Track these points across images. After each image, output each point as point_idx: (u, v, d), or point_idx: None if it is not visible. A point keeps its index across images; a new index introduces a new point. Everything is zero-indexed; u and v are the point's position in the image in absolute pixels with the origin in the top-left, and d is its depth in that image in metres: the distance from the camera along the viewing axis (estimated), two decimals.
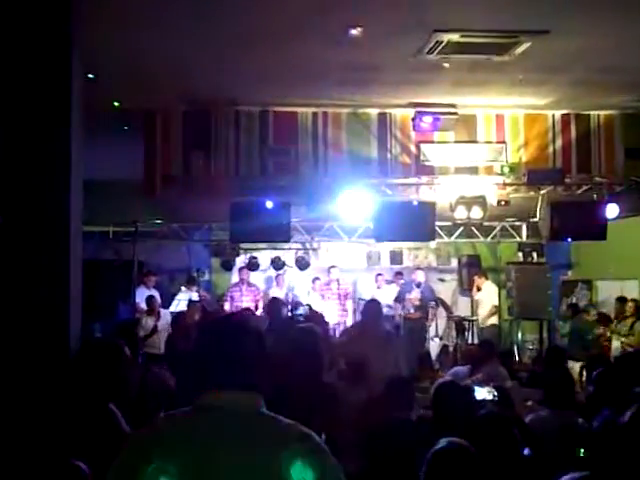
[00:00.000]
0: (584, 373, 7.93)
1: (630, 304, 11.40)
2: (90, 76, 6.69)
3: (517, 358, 12.44)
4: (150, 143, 9.51)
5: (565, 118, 10.13)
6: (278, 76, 8.20)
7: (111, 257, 12.65)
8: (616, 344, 11.07)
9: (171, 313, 12.14)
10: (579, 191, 10.52)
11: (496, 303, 13.02)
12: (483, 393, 5.00)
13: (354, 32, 6.60)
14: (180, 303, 12.44)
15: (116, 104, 8.67)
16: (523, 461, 3.62)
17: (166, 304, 12.37)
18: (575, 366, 9.47)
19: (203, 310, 11.09)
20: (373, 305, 7.78)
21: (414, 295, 13.33)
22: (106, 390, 3.58)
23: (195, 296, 12.51)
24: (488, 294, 13.16)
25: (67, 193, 4.44)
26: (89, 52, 6.38)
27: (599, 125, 10.20)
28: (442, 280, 15.10)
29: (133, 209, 11.11)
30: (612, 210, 10.28)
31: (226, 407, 2.16)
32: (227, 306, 12.89)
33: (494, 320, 13.00)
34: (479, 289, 13.38)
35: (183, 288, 13.06)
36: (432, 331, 13.97)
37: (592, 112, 10.12)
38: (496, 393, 5.05)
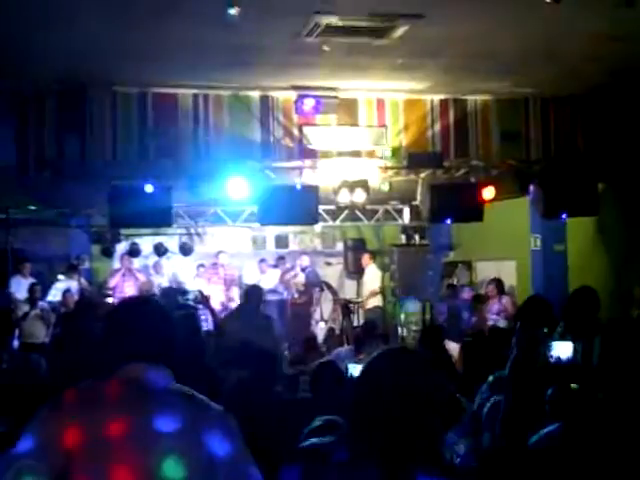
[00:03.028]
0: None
1: (490, 287, 11.34)
2: None
3: (401, 338, 12.72)
4: (22, 125, 9.10)
5: (443, 103, 10.37)
6: (156, 57, 7.99)
7: None
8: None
9: (49, 303, 11.72)
10: (457, 174, 10.79)
11: (376, 289, 13.15)
12: (358, 371, 5.04)
13: (232, 12, 6.49)
14: (58, 292, 12.00)
15: None
16: None
17: (44, 293, 11.91)
18: (455, 346, 9.64)
19: (81, 295, 10.75)
20: (254, 291, 7.94)
21: (299, 279, 13.39)
22: None
23: (74, 285, 12.10)
24: (370, 278, 13.32)
25: None
26: None
27: (476, 110, 10.51)
28: (328, 264, 15.23)
29: (5, 194, 10.59)
30: (488, 192, 10.60)
31: (137, 380, 2.28)
32: (110, 295, 12.53)
33: (378, 302, 13.19)
34: (363, 270, 13.52)
35: (61, 277, 12.56)
36: (317, 315, 14.09)
37: (469, 97, 10.41)
38: None
